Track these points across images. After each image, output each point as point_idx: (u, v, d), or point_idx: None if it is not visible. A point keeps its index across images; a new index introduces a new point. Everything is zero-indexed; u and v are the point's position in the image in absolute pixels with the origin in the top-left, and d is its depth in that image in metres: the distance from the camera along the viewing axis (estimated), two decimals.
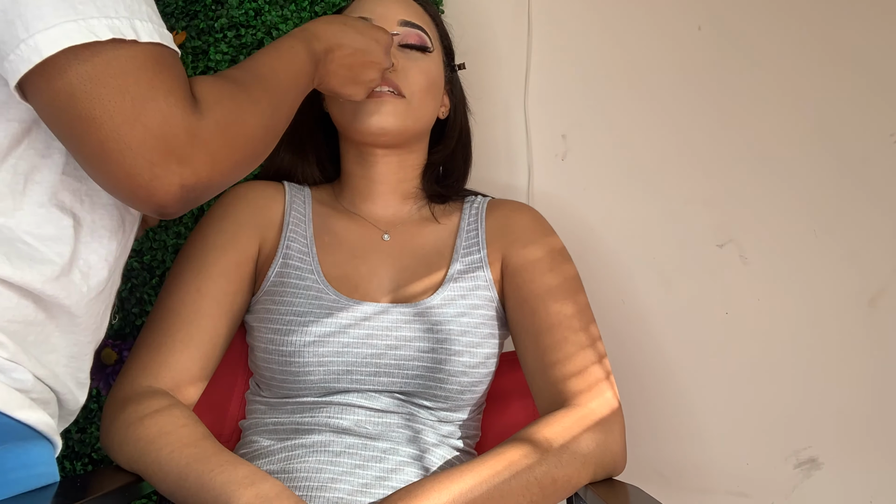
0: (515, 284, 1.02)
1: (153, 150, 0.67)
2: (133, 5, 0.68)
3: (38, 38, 0.64)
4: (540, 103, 1.36)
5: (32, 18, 0.64)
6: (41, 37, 0.64)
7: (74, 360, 0.82)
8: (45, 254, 0.75)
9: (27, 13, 0.64)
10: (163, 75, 0.68)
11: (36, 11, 0.64)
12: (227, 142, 0.72)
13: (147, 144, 0.66)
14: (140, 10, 0.68)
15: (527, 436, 0.88)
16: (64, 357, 0.80)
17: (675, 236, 1.35)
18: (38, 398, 0.78)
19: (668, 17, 1.36)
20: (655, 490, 0.91)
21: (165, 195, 0.69)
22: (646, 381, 1.34)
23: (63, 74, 0.65)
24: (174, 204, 0.70)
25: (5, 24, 0.65)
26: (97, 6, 0.66)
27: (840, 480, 1.35)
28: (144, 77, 0.67)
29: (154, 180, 0.67)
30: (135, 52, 0.67)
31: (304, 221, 1.08)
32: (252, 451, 0.98)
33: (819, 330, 1.35)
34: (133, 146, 0.66)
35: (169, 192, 0.68)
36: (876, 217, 1.36)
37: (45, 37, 0.64)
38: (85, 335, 0.81)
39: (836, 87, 1.36)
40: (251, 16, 1.29)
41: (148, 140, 0.66)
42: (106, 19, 0.65)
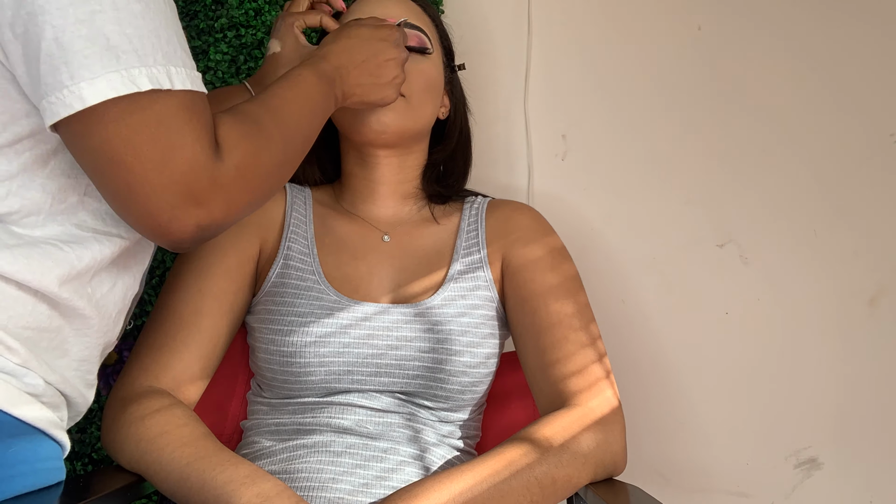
0: (515, 284, 1.03)
1: (176, 195, 0.70)
2: (169, 51, 0.71)
3: (83, 87, 0.67)
4: (540, 103, 1.36)
5: (79, 67, 0.67)
6: (86, 85, 0.67)
7: (85, 363, 0.82)
8: (66, 255, 0.76)
9: (74, 61, 0.67)
10: (192, 123, 0.71)
11: (83, 60, 0.67)
12: (244, 184, 0.76)
13: (171, 189, 0.70)
14: (175, 56, 0.72)
15: (527, 435, 0.89)
16: (75, 361, 0.81)
17: (675, 236, 1.36)
18: (48, 402, 0.78)
19: (668, 17, 1.36)
20: (655, 490, 0.91)
21: (182, 234, 0.73)
22: (646, 381, 1.34)
23: (100, 120, 0.68)
24: (189, 241, 0.74)
25: (50, 67, 0.67)
26: (138, 56, 0.68)
27: (840, 480, 1.35)
28: (175, 125, 0.70)
29: (173, 221, 0.71)
30: (169, 100, 0.70)
31: (305, 222, 1.08)
32: (253, 452, 0.98)
33: (819, 330, 1.35)
34: (158, 190, 0.70)
35: (186, 232, 0.73)
36: (876, 217, 1.36)
37: (91, 86, 0.67)
38: (97, 337, 0.82)
39: (836, 86, 1.36)
40: (251, 16, 1.29)
41: (172, 185, 0.70)
42: (145, 68, 0.69)
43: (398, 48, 0.97)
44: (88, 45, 0.67)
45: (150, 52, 0.69)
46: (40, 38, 0.67)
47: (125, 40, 0.68)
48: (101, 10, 0.67)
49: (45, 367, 0.77)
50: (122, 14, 0.68)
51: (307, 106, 0.86)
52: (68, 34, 0.66)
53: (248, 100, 0.84)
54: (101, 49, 0.67)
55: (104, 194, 0.74)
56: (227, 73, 1.28)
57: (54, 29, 0.66)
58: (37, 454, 0.77)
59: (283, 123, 0.82)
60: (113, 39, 0.67)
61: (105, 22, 0.67)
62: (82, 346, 0.81)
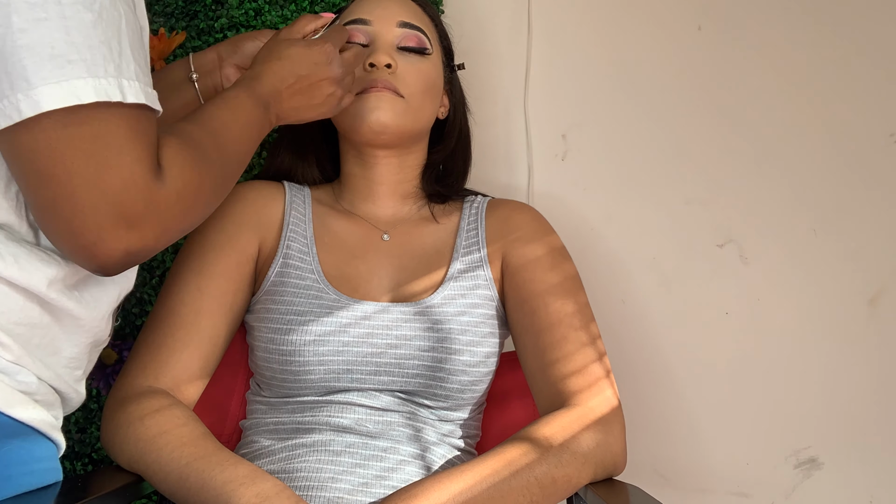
0: (515, 283, 1.03)
1: (105, 215, 0.66)
2: (122, 63, 0.67)
3: (20, 98, 0.63)
4: (540, 103, 1.36)
5: (17, 77, 0.63)
6: (23, 97, 0.63)
7: (75, 360, 0.82)
8: (53, 258, 0.75)
9: (13, 71, 0.63)
10: (135, 142, 0.67)
11: (22, 70, 0.63)
12: (182, 209, 0.72)
13: (100, 209, 0.66)
14: (128, 68, 0.67)
15: (527, 435, 0.89)
16: (66, 358, 0.80)
17: (675, 236, 1.35)
18: (41, 399, 0.78)
19: (668, 17, 1.36)
20: (655, 490, 0.91)
21: (107, 259, 0.68)
22: (646, 381, 1.34)
23: (32, 130, 0.64)
24: (114, 266, 0.70)
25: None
26: (87, 65, 0.64)
27: (840, 480, 1.35)
28: (116, 142, 0.66)
29: (98, 243, 0.67)
30: (115, 114, 0.66)
31: (304, 221, 1.08)
32: (253, 451, 0.98)
33: (819, 330, 1.35)
34: (85, 209, 0.65)
35: (112, 257, 0.68)
36: (876, 217, 1.36)
37: (27, 98, 0.63)
38: (87, 336, 0.82)
39: (836, 86, 1.36)
40: (251, 16, 1.29)
41: (102, 205, 0.65)
42: (93, 79, 0.64)
43: (331, 66, 0.94)
44: (29, 55, 0.63)
45: (101, 63, 0.65)
46: None
47: (72, 49, 0.64)
48: (46, 18, 0.63)
49: (37, 363, 0.76)
50: (70, 22, 0.64)
51: (245, 130, 0.85)
52: (9, 43, 0.63)
53: (187, 119, 0.81)
54: (42, 58, 0.63)
55: (31, 209, 0.69)
56: None
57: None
58: (32, 454, 0.77)
59: (223, 148, 0.81)
60: (58, 48, 0.64)
61: (50, 30, 0.63)
62: (72, 344, 0.80)
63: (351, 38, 1.04)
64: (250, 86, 0.88)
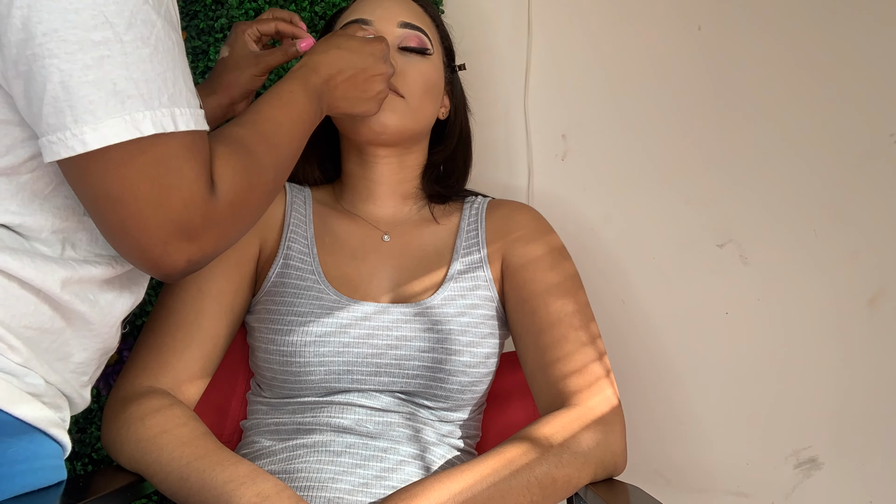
0: (515, 284, 1.03)
1: (169, 232, 0.72)
2: (175, 92, 0.71)
3: (86, 131, 0.67)
4: (540, 103, 1.36)
5: (83, 111, 0.67)
6: (89, 129, 0.67)
7: (83, 366, 0.83)
8: (68, 262, 0.77)
9: (79, 105, 0.67)
10: (191, 162, 0.72)
11: (88, 105, 0.67)
12: (236, 217, 0.77)
13: (165, 227, 0.71)
14: (181, 97, 0.72)
15: (527, 435, 0.89)
16: (74, 363, 0.81)
17: (675, 236, 1.35)
18: (49, 402, 0.78)
19: (668, 17, 1.36)
20: (655, 490, 0.91)
21: (173, 268, 0.74)
22: (646, 381, 1.34)
23: (100, 161, 0.69)
24: (178, 274, 0.75)
25: (54, 109, 0.67)
26: (143, 99, 0.69)
27: (840, 480, 1.35)
28: (175, 165, 0.71)
29: (164, 256, 0.73)
30: (171, 141, 0.71)
31: (305, 222, 1.08)
32: (253, 452, 0.98)
33: (819, 330, 1.35)
34: (152, 227, 0.71)
35: (177, 266, 0.74)
36: (876, 217, 1.36)
37: (94, 131, 0.67)
38: (98, 342, 0.83)
39: (836, 87, 1.36)
40: (251, 16, 1.29)
41: (166, 223, 0.71)
42: (150, 111, 0.69)
43: (385, 63, 0.97)
44: (94, 91, 0.67)
45: (156, 96, 0.70)
46: (46, 80, 0.67)
47: (132, 85, 0.68)
48: (109, 56, 0.67)
49: (45, 367, 0.77)
50: (130, 58, 0.68)
51: (297, 126, 0.87)
52: (75, 79, 0.67)
53: (240, 121, 0.84)
54: (106, 94, 0.67)
55: (99, 227, 0.74)
56: None
57: (61, 73, 0.67)
58: (37, 454, 0.77)
59: (275, 149, 0.83)
60: (119, 84, 0.68)
61: (113, 67, 0.68)
62: (82, 349, 0.81)
63: None
64: (306, 77, 0.90)
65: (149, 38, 0.70)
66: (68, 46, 0.66)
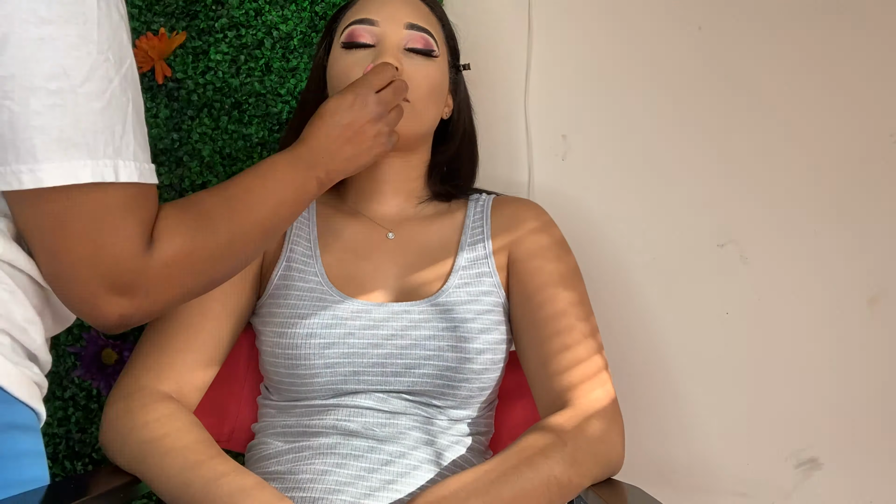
0: (521, 277, 1.03)
1: (98, 286, 0.73)
2: (122, 145, 0.73)
3: (23, 171, 0.69)
4: (540, 103, 1.36)
5: (24, 152, 0.69)
6: (26, 169, 0.69)
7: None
8: None
9: (22, 147, 0.69)
10: (128, 219, 0.73)
11: (29, 147, 0.69)
12: (172, 278, 0.77)
13: (94, 281, 0.73)
14: (127, 149, 0.73)
15: (541, 434, 0.89)
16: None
17: (675, 236, 1.35)
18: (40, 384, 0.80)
19: (668, 17, 1.36)
20: (655, 490, 0.91)
21: (105, 321, 0.75)
22: (646, 381, 1.34)
23: (37, 204, 0.71)
24: (113, 328, 0.77)
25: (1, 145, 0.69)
26: (88, 148, 0.70)
27: (840, 480, 1.35)
28: (109, 221, 0.72)
29: (95, 309, 0.74)
30: (110, 194, 0.72)
31: (308, 224, 1.08)
32: (261, 453, 0.98)
33: (819, 330, 1.35)
34: (81, 281, 0.73)
35: (109, 319, 0.75)
36: (876, 217, 1.35)
37: (30, 172, 0.69)
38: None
39: (836, 87, 1.36)
40: (251, 16, 1.29)
41: (95, 278, 0.73)
42: (91, 161, 0.70)
43: (365, 108, 0.94)
44: (39, 135, 0.69)
45: (101, 147, 0.71)
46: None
47: (78, 134, 0.70)
48: (62, 105, 0.69)
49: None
50: (81, 110, 0.70)
51: (273, 196, 0.86)
52: (23, 121, 0.69)
53: (211, 190, 0.84)
54: (49, 140, 0.69)
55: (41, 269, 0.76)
56: (227, 74, 1.28)
57: (11, 114, 0.68)
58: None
59: (237, 215, 0.83)
60: (65, 132, 0.69)
61: (63, 115, 0.69)
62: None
63: (357, 38, 1.03)
64: (294, 149, 0.91)
65: (103, 92, 0.71)
66: (23, 91, 0.68)
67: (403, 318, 0.99)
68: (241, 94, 1.28)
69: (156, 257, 0.75)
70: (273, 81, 1.29)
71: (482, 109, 1.25)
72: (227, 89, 1.28)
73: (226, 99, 1.28)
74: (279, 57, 1.29)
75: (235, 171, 1.28)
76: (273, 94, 1.29)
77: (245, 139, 1.28)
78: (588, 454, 0.89)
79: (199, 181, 1.27)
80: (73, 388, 1.24)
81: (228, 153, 1.28)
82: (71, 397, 1.23)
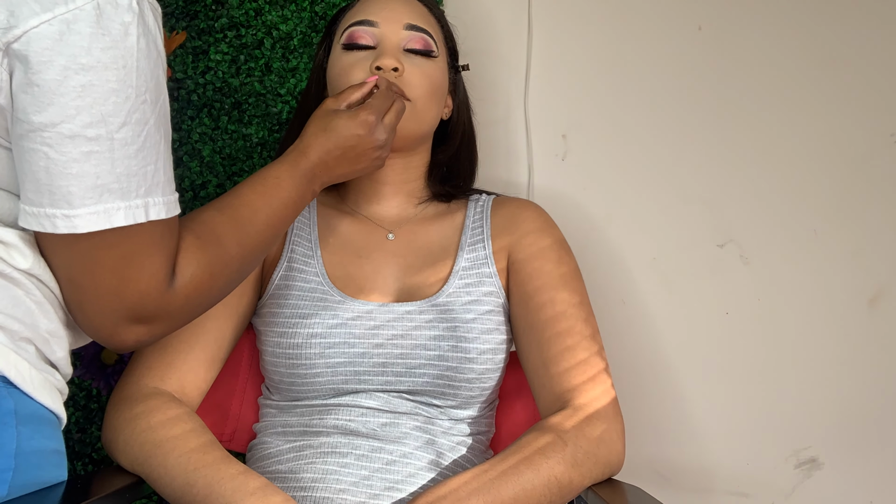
0: (521, 278, 1.03)
1: (122, 318, 0.75)
2: (153, 184, 0.74)
3: (58, 216, 0.70)
4: (540, 103, 1.36)
5: (60, 199, 0.70)
6: (61, 215, 0.70)
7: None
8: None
9: (58, 192, 0.70)
10: (155, 256, 0.75)
11: (65, 195, 0.70)
12: (192, 307, 0.81)
13: (118, 313, 0.75)
14: (157, 186, 0.74)
15: (541, 435, 0.90)
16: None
17: (675, 236, 1.35)
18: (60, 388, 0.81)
19: (668, 17, 1.36)
20: (655, 490, 0.91)
21: (120, 345, 0.78)
22: (646, 381, 1.34)
23: (69, 245, 0.72)
24: (125, 349, 0.80)
25: (35, 186, 0.70)
26: (123, 192, 0.71)
27: (840, 480, 1.35)
28: (137, 260, 0.74)
29: (114, 335, 0.77)
30: (139, 234, 0.74)
31: (309, 225, 1.08)
32: (262, 453, 0.99)
33: (819, 330, 1.35)
34: (106, 312, 0.75)
35: (124, 344, 0.78)
36: (876, 217, 1.36)
37: (66, 218, 0.70)
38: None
39: (836, 87, 1.36)
40: (251, 16, 1.29)
41: (120, 310, 0.75)
42: (124, 203, 0.72)
43: (373, 136, 0.94)
44: (75, 182, 0.69)
45: (134, 189, 0.72)
46: (32, 160, 0.69)
47: (113, 179, 0.71)
48: (98, 152, 0.70)
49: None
50: (117, 154, 0.71)
51: (277, 213, 0.88)
52: (59, 167, 0.69)
53: (217, 204, 0.85)
54: (85, 188, 0.70)
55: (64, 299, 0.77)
56: (227, 74, 1.28)
57: (48, 161, 0.69)
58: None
59: (247, 238, 0.85)
60: (102, 178, 0.70)
61: (99, 162, 0.70)
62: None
63: (357, 39, 1.03)
64: (296, 161, 0.91)
65: (139, 135, 0.72)
66: (61, 139, 0.69)
67: (405, 319, 0.99)
68: (241, 94, 1.28)
69: (178, 290, 0.77)
70: (273, 81, 1.29)
71: (482, 109, 1.25)
72: (227, 89, 1.28)
73: (226, 99, 1.28)
74: (279, 57, 1.29)
75: (235, 171, 1.28)
76: (273, 94, 1.29)
77: (245, 139, 1.28)
78: (588, 454, 0.89)
79: (199, 181, 1.27)
80: (73, 388, 1.24)
81: (228, 153, 1.28)
82: (71, 397, 1.23)
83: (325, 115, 0.95)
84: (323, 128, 0.93)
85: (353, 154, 0.94)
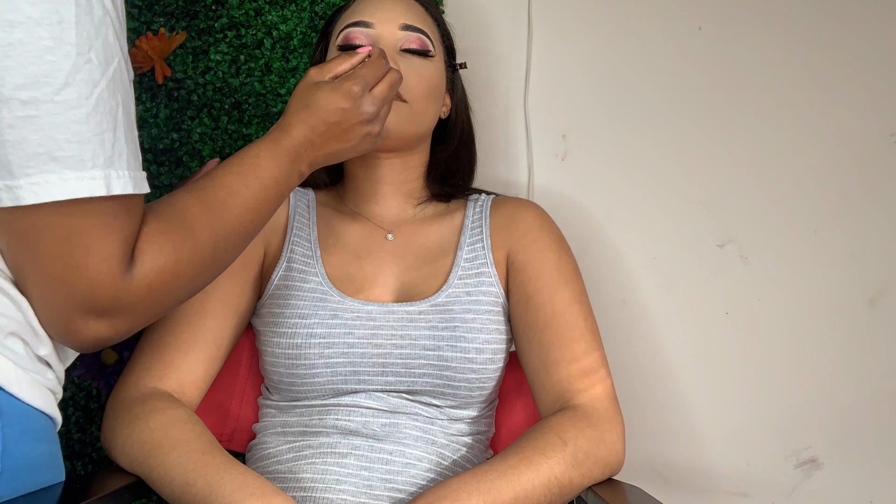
0: (519, 279, 1.03)
1: (72, 310, 0.68)
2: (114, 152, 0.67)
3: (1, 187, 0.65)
4: (540, 103, 1.36)
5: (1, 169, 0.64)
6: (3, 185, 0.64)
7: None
8: None
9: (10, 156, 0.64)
10: (106, 239, 0.68)
11: (6, 164, 0.64)
12: (155, 298, 0.72)
13: (67, 304, 0.68)
14: (119, 155, 0.68)
15: (542, 435, 0.90)
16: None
17: (675, 236, 1.35)
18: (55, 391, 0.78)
19: (668, 17, 1.36)
20: (655, 490, 0.91)
21: (80, 343, 0.71)
22: (646, 381, 1.34)
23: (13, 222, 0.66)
24: (89, 348, 0.73)
25: None
26: (73, 159, 0.65)
27: (840, 480, 1.35)
28: (85, 242, 0.67)
29: (69, 332, 0.70)
30: (91, 210, 0.67)
31: (309, 225, 1.08)
32: (261, 453, 0.99)
33: (819, 330, 1.35)
34: (54, 303, 0.69)
35: (84, 341, 0.71)
36: (876, 217, 1.36)
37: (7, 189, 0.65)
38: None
39: (836, 87, 1.36)
40: (251, 16, 1.29)
41: (69, 301, 0.68)
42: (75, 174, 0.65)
43: (359, 108, 0.88)
44: (13, 150, 0.64)
45: (90, 158, 0.66)
46: None
47: (58, 146, 0.64)
48: (37, 116, 0.64)
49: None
50: (59, 119, 0.64)
51: (256, 196, 0.81)
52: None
53: (192, 188, 0.79)
54: (26, 155, 0.64)
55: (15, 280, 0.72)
56: (227, 74, 1.28)
57: None
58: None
59: (221, 222, 0.78)
60: (44, 145, 0.64)
61: (39, 127, 0.64)
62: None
63: (353, 40, 1.03)
64: (277, 139, 0.85)
65: (87, 97, 0.65)
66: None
67: (404, 319, 0.99)
68: (241, 94, 1.28)
69: (137, 278, 0.70)
70: (273, 81, 1.29)
71: (481, 109, 1.25)
72: (226, 89, 1.28)
73: (226, 99, 1.28)
74: (279, 57, 1.29)
75: None
76: (273, 94, 1.29)
77: (245, 139, 1.28)
78: (588, 454, 0.89)
79: None
80: (73, 387, 1.24)
81: (228, 153, 1.28)
82: (71, 397, 1.23)
83: (307, 87, 0.89)
84: (305, 102, 0.87)
85: (339, 130, 0.88)
